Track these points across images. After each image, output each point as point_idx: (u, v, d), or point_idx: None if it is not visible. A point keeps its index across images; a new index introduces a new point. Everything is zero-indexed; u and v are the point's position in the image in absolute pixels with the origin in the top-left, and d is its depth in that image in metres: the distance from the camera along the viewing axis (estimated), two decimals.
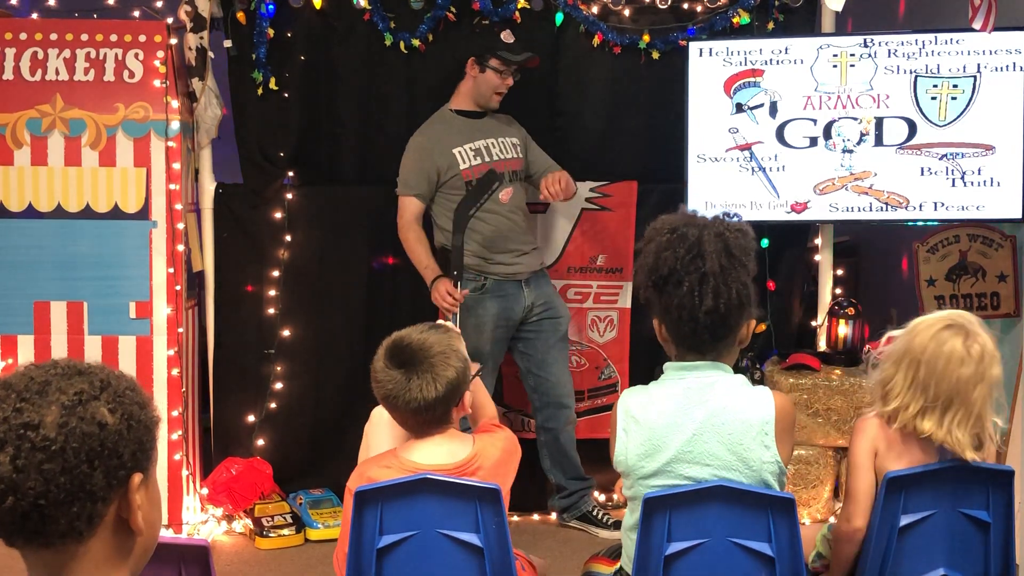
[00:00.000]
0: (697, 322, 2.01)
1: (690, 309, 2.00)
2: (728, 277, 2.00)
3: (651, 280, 2.05)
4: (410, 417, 2.14)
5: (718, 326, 2.02)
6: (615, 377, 4.20)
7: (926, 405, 2.10)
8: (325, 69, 4.10)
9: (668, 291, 2.02)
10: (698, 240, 2.01)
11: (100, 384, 1.16)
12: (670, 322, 2.06)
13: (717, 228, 2.05)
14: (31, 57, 3.73)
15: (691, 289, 1.99)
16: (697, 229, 2.03)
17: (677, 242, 2.02)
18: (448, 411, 2.15)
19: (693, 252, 2.00)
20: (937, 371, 2.08)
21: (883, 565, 2.12)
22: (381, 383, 2.13)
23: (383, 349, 2.16)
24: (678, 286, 2.00)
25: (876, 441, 2.18)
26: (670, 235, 2.04)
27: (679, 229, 2.04)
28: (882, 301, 4.64)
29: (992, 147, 3.63)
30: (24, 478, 1.08)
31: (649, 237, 2.10)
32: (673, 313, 2.03)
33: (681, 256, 2.01)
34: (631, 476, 2.07)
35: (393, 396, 2.11)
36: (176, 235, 3.82)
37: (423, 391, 2.08)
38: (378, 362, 2.15)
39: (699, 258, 2.00)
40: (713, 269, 1.99)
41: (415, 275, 4.12)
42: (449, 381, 2.10)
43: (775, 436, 2.00)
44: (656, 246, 2.05)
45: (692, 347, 2.07)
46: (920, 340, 2.11)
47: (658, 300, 2.06)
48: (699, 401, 2.02)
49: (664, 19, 4.07)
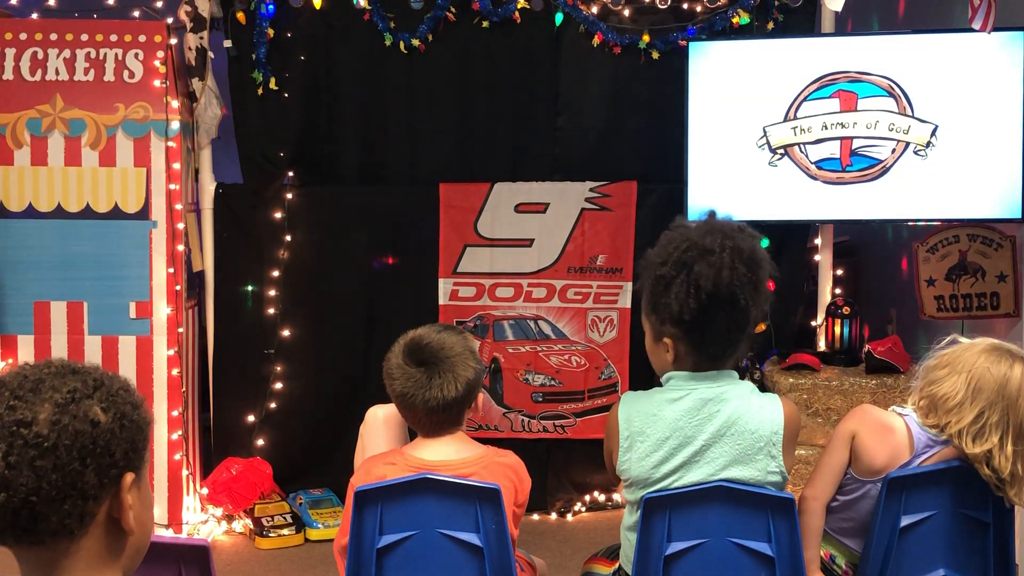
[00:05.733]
0: (743, 331, 1.98)
1: (743, 321, 1.95)
2: (759, 287, 1.97)
3: (701, 300, 1.92)
4: (424, 416, 2.13)
5: (742, 334, 2.00)
6: (615, 377, 4.20)
7: (987, 430, 2.09)
8: (325, 69, 4.10)
9: (718, 308, 1.93)
10: (751, 250, 1.96)
11: (93, 383, 1.16)
12: (712, 337, 1.98)
13: (747, 232, 2.00)
14: (31, 57, 3.74)
15: (747, 302, 1.93)
16: (741, 238, 1.97)
17: (733, 256, 1.93)
18: (463, 411, 2.15)
19: (752, 261, 1.94)
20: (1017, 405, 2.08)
21: (884, 565, 2.12)
22: (398, 380, 2.11)
23: (400, 347, 2.14)
24: (733, 302, 1.93)
25: (861, 426, 2.19)
26: (723, 252, 1.93)
27: (726, 243, 1.94)
28: (882, 301, 4.64)
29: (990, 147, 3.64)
30: (16, 475, 1.09)
31: (688, 259, 1.94)
32: (722, 327, 1.96)
33: (740, 272, 1.92)
34: (635, 484, 2.05)
35: (411, 395, 2.09)
36: (176, 235, 3.82)
37: (443, 390, 2.08)
38: (394, 359, 2.13)
39: (753, 268, 1.95)
40: (763, 277, 1.97)
41: (415, 275, 4.14)
42: (468, 381, 2.11)
43: (782, 447, 2.00)
44: (712, 266, 1.92)
45: (728, 355, 2.02)
46: (998, 371, 2.10)
47: (704, 317, 1.94)
48: (712, 413, 1.99)
49: (664, 19, 4.07)
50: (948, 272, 3.70)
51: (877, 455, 2.17)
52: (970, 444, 2.08)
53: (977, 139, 3.65)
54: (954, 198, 3.70)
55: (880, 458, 2.17)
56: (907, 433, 2.18)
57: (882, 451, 2.17)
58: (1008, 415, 2.08)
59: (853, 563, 2.26)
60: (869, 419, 2.21)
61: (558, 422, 4.20)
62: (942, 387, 2.15)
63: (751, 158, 3.85)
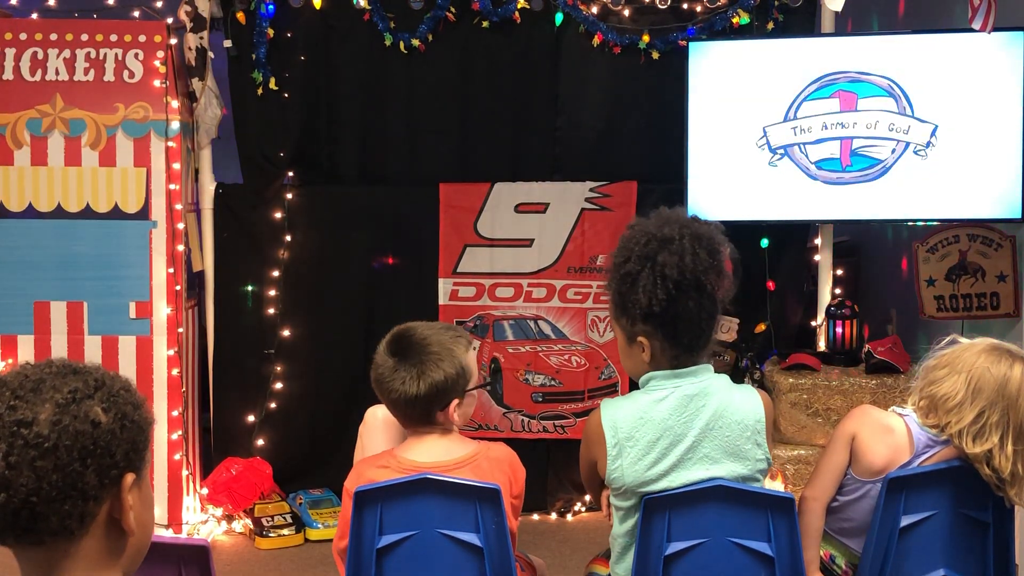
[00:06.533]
0: (714, 319, 2.00)
1: (711, 307, 1.98)
2: (722, 271, 2.00)
3: (669, 290, 1.95)
4: (391, 406, 2.15)
5: (713, 321, 2.02)
6: (615, 377, 4.20)
7: (987, 430, 2.09)
8: (325, 69, 4.10)
9: (686, 296, 1.95)
10: (710, 235, 1.99)
11: (94, 383, 1.16)
12: (684, 327, 1.99)
13: (702, 221, 2.03)
14: (31, 57, 3.74)
15: (713, 287, 1.96)
16: (698, 225, 2.01)
17: (694, 243, 1.96)
18: (429, 412, 2.10)
19: (712, 246, 1.98)
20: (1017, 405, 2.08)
21: (884, 565, 2.12)
22: (376, 365, 2.14)
23: (389, 334, 2.17)
24: (700, 288, 1.95)
25: (861, 426, 2.19)
26: (683, 239, 1.97)
27: (685, 231, 1.98)
28: (882, 301, 4.64)
29: (990, 147, 3.64)
30: (16, 475, 1.09)
31: (651, 251, 1.98)
32: (692, 316, 1.97)
33: (702, 257, 1.95)
34: (628, 490, 2.02)
35: (379, 381, 2.12)
36: (176, 235, 3.82)
37: (405, 384, 2.07)
38: (380, 345, 2.16)
39: (715, 253, 1.98)
40: (723, 261, 1.99)
41: (415, 275, 4.14)
42: (434, 383, 2.06)
43: (766, 434, 2.02)
44: (675, 254, 1.95)
45: (700, 346, 2.03)
46: (998, 371, 2.10)
47: (675, 307, 1.96)
48: (698, 408, 2.00)
49: (664, 19, 4.07)
50: (948, 272, 3.70)
51: (877, 455, 2.17)
52: (970, 444, 2.08)
53: (977, 139, 3.65)
54: (954, 198, 3.70)
55: (880, 458, 2.17)
56: (907, 433, 2.18)
57: (882, 451, 2.17)
58: (1008, 415, 2.08)
59: (853, 563, 2.26)
60: (869, 419, 2.21)
61: (558, 422, 4.20)
62: (942, 387, 2.15)
63: (751, 158, 3.85)
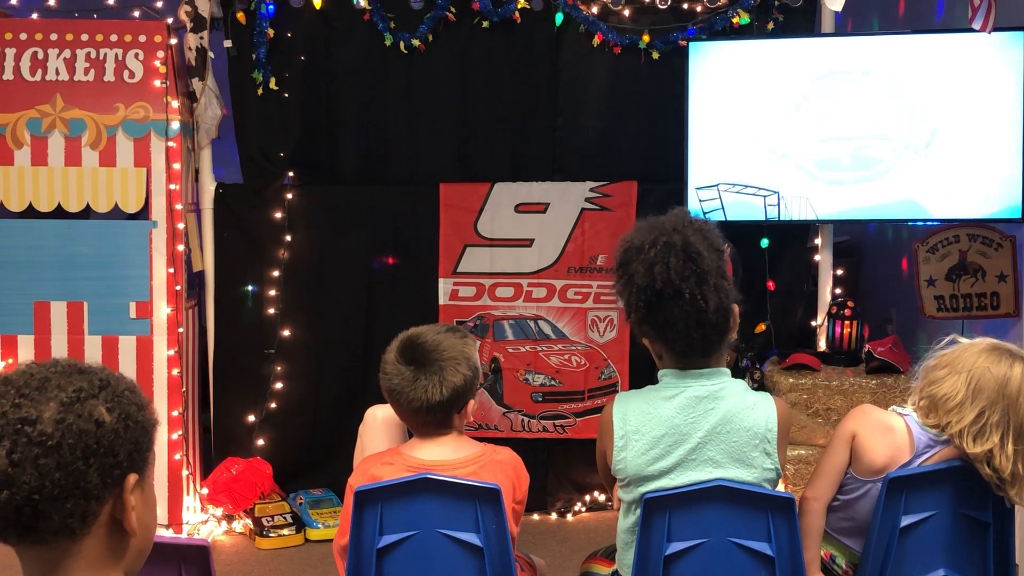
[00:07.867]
0: (706, 325, 1.98)
1: (697, 314, 1.96)
2: (721, 270, 1.99)
3: (646, 298, 1.97)
4: (411, 415, 2.13)
5: (723, 322, 2.00)
6: (615, 377, 4.20)
7: (988, 429, 2.09)
8: (325, 69, 4.10)
9: (667, 304, 1.96)
10: (685, 243, 1.97)
11: (99, 383, 1.16)
12: (674, 334, 1.99)
13: (693, 225, 2.02)
14: (31, 57, 3.74)
15: (693, 294, 1.95)
16: (676, 233, 1.99)
17: (665, 251, 1.96)
18: (449, 416, 2.13)
19: (687, 254, 1.95)
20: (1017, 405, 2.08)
21: (884, 565, 2.12)
22: (388, 376, 2.11)
23: (396, 343, 2.14)
24: (678, 296, 1.95)
25: (861, 426, 2.19)
26: (653, 248, 1.98)
27: (659, 239, 1.98)
28: (882, 301, 4.64)
29: (990, 147, 3.64)
30: (19, 472, 1.09)
31: (627, 259, 2.01)
32: (679, 324, 1.97)
33: (673, 265, 1.94)
34: (631, 481, 2.05)
35: (398, 392, 2.10)
36: (176, 235, 3.82)
37: (428, 392, 2.07)
38: (389, 355, 2.13)
39: (694, 260, 1.96)
40: (709, 267, 1.97)
41: (415, 275, 4.14)
42: (455, 387, 2.08)
43: (776, 444, 2.01)
44: (644, 263, 1.98)
45: (700, 352, 2.03)
46: (999, 371, 2.10)
47: (657, 315, 1.98)
48: (706, 411, 2.01)
49: (664, 19, 4.07)
50: (948, 272, 3.70)
51: (877, 455, 2.17)
52: (971, 444, 2.08)
53: (977, 139, 3.65)
54: (954, 198, 3.70)
55: (880, 458, 2.17)
56: (907, 433, 2.18)
57: (882, 451, 2.17)
58: (1008, 415, 2.08)
59: (853, 563, 2.26)
60: (869, 419, 2.21)
61: (558, 422, 4.20)
62: (942, 387, 2.15)
63: (751, 158, 3.85)
